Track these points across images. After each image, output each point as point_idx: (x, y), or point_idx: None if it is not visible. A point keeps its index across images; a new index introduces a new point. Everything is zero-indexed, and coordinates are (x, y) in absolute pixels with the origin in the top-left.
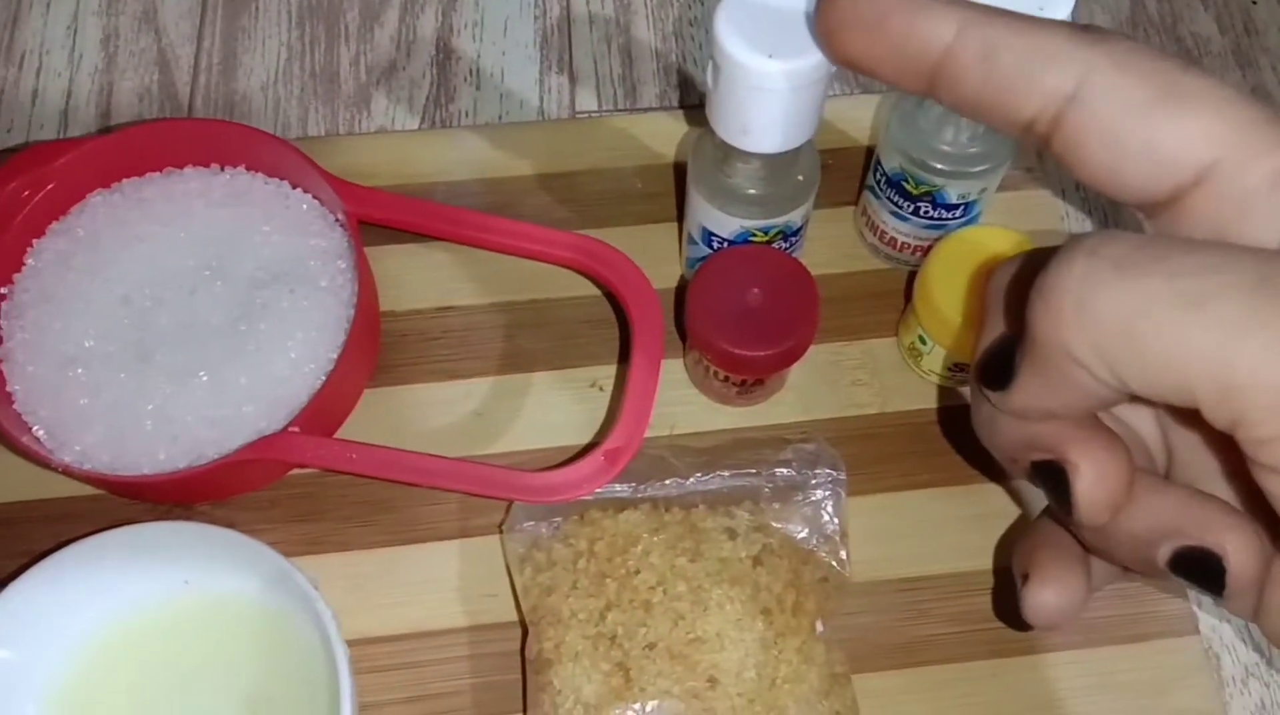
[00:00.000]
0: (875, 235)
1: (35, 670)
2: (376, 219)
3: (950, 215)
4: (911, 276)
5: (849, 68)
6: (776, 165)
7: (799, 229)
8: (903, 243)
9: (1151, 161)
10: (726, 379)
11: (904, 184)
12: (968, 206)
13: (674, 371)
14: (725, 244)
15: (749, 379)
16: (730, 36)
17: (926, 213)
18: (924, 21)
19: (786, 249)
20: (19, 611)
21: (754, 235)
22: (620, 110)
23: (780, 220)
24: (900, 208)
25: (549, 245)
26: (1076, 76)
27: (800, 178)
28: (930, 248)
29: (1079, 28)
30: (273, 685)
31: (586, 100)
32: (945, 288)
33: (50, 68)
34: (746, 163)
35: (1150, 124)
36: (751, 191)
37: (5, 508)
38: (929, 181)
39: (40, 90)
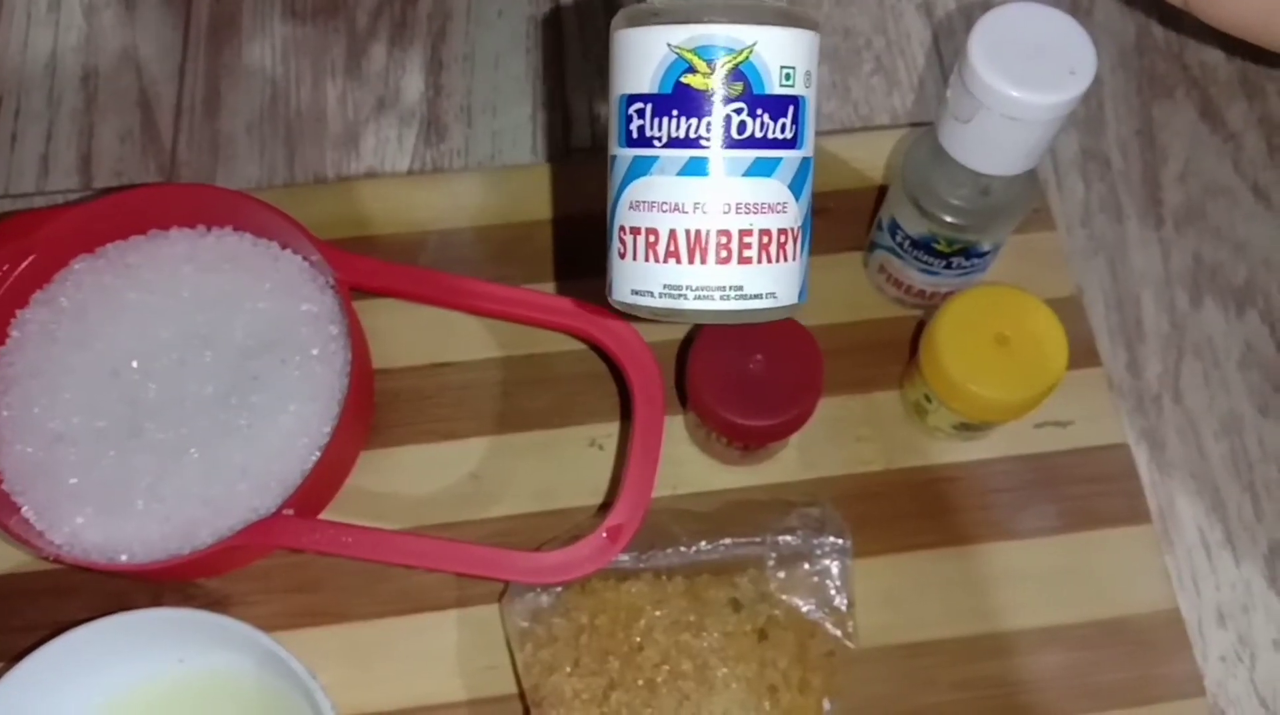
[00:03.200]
0: (900, 289)
1: None
2: (368, 287)
3: (983, 261)
4: (920, 326)
5: None
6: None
7: (985, 253)
8: (932, 292)
9: None
10: (729, 442)
11: (934, 245)
12: (996, 248)
13: (675, 429)
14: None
15: (752, 443)
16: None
17: (959, 264)
18: None
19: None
20: (17, 699)
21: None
22: None
23: (969, 237)
24: (931, 265)
25: (548, 312)
26: None
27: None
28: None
29: None
30: None
31: (581, 136)
32: (953, 349)
33: (29, 109)
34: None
35: None
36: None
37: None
38: (962, 239)
39: (19, 133)
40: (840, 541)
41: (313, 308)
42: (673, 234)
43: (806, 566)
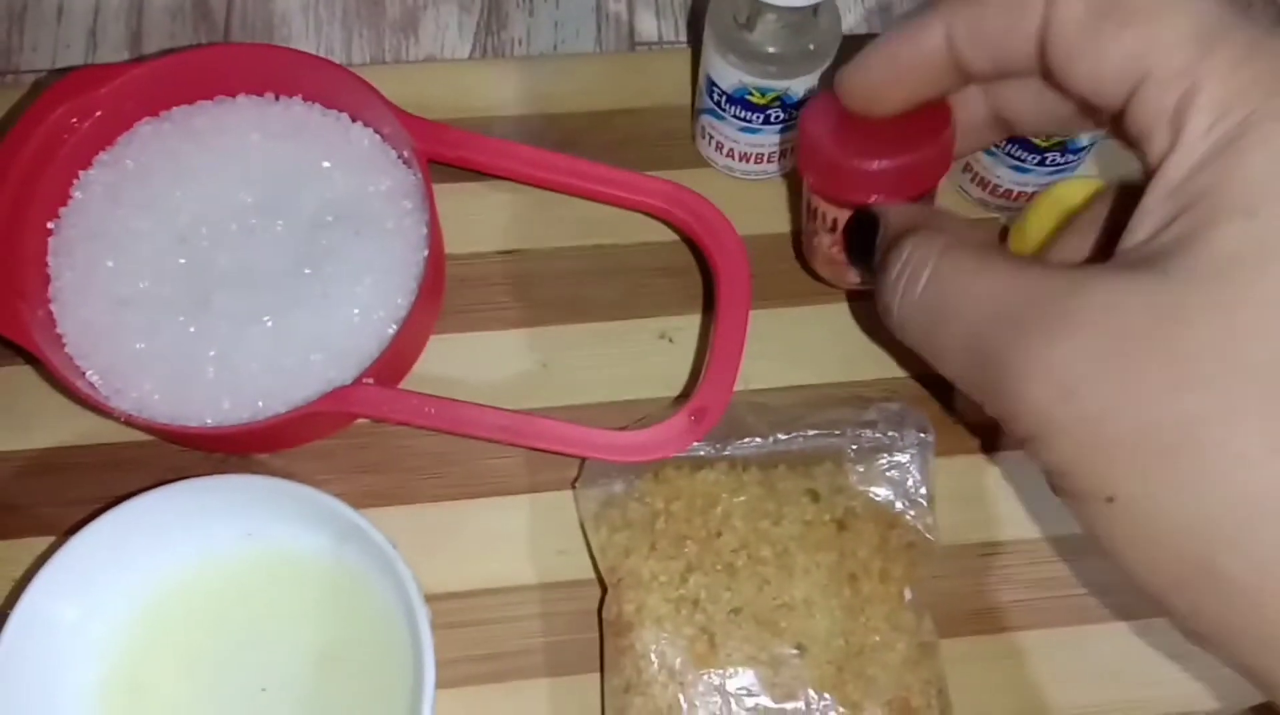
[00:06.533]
0: (986, 190)
1: (96, 628)
2: (448, 158)
3: (1077, 158)
4: (1004, 230)
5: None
6: (790, 27)
7: (1081, 149)
8: (1019, 192)
9: (1102, 75)
10: (834, 227)
11: (1033, 140)
12: (1092, 144)
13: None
14: (724, 99)
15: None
16: None
17: (1054, 160)
18: (918, 32)
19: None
20: (81, 569)
21: (751, 94)
22: (682, 42)
23: (780, 84)
24: (1024, 161)
25: (633, 191)
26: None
27: (812, 47)
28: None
29: None
30: (345, 644)
31: (646, 29)
32: (1047, 240)
33: None
34: (762, 16)
35: (1099, 38)
36: (757, 46)
37: (54, 453)
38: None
39: (65, 6)
40: (923, 436)
41: (387, 181)
42: (731, 151)
43: (886, 459)
